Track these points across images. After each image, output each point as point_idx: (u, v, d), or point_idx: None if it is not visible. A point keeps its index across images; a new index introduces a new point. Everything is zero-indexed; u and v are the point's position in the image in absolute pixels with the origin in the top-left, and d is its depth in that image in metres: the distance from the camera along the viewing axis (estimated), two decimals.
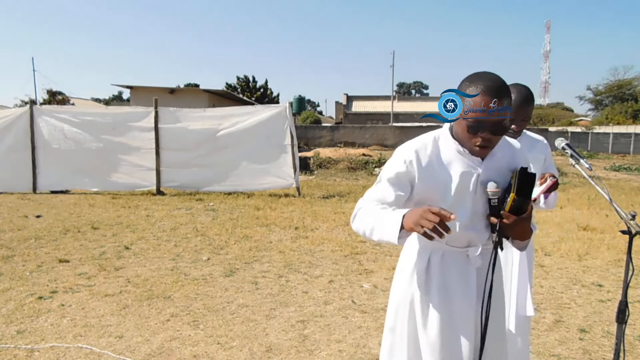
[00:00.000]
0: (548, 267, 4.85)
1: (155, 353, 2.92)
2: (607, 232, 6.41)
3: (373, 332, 3.26)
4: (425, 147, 1.50)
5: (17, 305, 3.67)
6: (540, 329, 3.35)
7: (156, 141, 9.61)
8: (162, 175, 9.70)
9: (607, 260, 5.10)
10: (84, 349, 2.96)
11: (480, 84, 1.37)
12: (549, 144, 2.35)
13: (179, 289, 4.08)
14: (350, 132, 28.93)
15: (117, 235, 6.02)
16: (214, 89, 27.28)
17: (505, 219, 1.40)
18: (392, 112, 38.17)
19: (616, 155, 28.32)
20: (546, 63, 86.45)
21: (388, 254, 5.29)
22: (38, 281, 4.24)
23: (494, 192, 1.42)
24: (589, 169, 1.84)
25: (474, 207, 1.47)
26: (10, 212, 7.60)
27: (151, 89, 24.05)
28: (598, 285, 4.32)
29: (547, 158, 2.30)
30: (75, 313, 3.54)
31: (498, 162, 1.50)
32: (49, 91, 28.46)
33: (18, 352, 2.91)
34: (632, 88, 50.65)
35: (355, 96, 45.43)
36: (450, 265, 1.53)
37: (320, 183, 12.20)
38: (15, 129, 9.71)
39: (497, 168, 1.48)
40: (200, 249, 5.39)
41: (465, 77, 1.45)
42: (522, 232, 1.44)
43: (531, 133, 2.34)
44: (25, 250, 5.27)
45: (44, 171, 9.75)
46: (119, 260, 4.95)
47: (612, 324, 3.39)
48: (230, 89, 39.10)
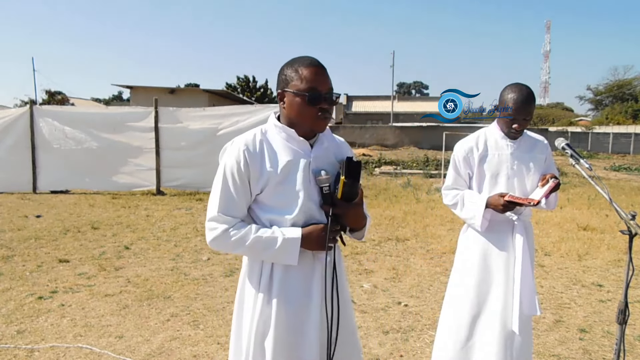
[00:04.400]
0: (548, 267, 4.85)
1: (155, 353, 2.92)
2: (607, 232, 6.41)
3: (373, 332, 3.26)
4: (253, 142, 1.47)
5: (17, 305, 3.67)
6: (540, 329, 3.35)
7: (156, 141, 9.61)
8: (162, 175, 9.70)
9: (607, 260, 5.10)
10: (84, 349, 2.96)
11: (303, 61, 1.46)
12: (549, 144, 2.35)
13: (179, 289, 4.08)
14: (350, 132, 28.93)
15: (117, 235, 6.02)
16: (214, 89, 27.30)
17: (338, 206, 1.44)
18: (392, 112, 38.14)
19: (616, 155, 28.32)
20: (546, 63, 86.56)
21: (388, 254, 5.30)
22: (38, 281, 4.24)
23: (325, 179, 1.45)
24: (589, 169, 1.84)
25: (310, 197, 1.46)
26: (10, 212, 7.60)
27: (151, 89, 24.08)
28: (598, 285, 4.32)
29: (548, 158, 2.30)
30: (75, 313, 3.54)
31: (326, 151, 1.53)
32: (48, 91, 28.49)
33: (18, 352, 2.91)
34: (632, 88, 50.69)
35: (355, 96, 45.40)
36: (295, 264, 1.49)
37: None
38: (15, 129, 9.72)
39: (326, 157, 1.52)
40: (200, 249, 5.38)
41: (286, 63, 1.50)
42: (356, 219, 1.50)
43: (532, 133, 2.34)
44: (25, 250, 5.27)
45: (44, 171, 9.76)
46: (119, 260, 4.95)
47: (612, 324, 3.39)
48: (230, 89, 39.09)
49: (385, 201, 9.04)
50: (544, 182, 2.14)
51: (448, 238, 5.98)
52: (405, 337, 3.19)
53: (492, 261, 2.23)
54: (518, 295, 2.12)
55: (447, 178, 2.41)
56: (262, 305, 1.48)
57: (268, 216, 1.47)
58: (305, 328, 1.48)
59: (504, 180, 2.23)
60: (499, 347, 2.14)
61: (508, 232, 2.22)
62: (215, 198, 1.46)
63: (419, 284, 4.31)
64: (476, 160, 2.28)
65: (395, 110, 39.13)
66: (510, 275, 2.18)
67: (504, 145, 2.26)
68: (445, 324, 2.36)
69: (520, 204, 2.10)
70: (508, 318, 2.15)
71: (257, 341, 1.48)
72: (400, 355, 2.96)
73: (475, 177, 2.31)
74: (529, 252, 2.18)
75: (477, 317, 2.23)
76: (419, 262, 5.02)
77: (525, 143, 2.28)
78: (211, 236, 1.46)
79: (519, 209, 2.19)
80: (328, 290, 1.48)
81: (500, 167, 2.24)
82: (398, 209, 8.18)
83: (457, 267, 2.39)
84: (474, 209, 2.22)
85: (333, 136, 1.61)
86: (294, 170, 1.45)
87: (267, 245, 1.42)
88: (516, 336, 2.14)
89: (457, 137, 2.78)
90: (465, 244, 2.36)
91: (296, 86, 1.44)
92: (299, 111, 1.45)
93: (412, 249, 5.54)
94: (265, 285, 1.48)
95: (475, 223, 2.22)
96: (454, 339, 2.27)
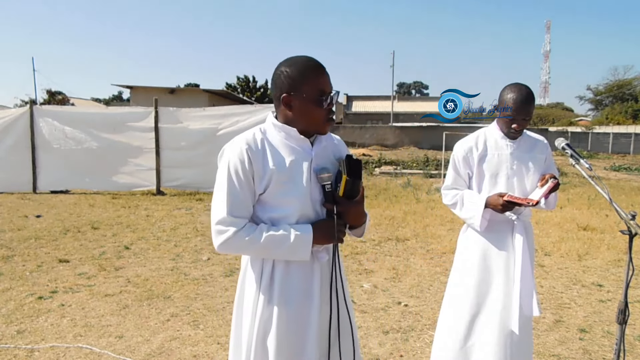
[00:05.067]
0: (548, 267, 4.85)
1: (155, 353, 2.92)
2: (607, 232, 6.41)
3: (373, 332, 3.26)
4: (254, 140, 1.45)
5: (17, 305, 3.67)
6: (540, 329, 3.35)
7: (156, 141, 9.61)
8: (162, 175, 9.70)
9: (607, 260, 5.10)
10: (84, 349, 2.96)
11: (306, 63, 1.45)
12: (549, 144, 2.35)
13: (179, 289, 4.08)
14: (350, 132, 28.93)
15: (117, 235, 6.02)
16: (213, 89, 27.30)
17: (340, 204, 1.45)
18: (392, 112, 38.14)
19: (616, 155, 28.32)
20: (546, 63, 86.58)
21: (388, 254, 5.30)
22: (38, 281, 4.24)
23: (327, 177, 1.46)
24: (589, 169, 1.84)
25: (312, 195, 1.46)
26: (10, 212, 7.60)
27: (151, 89, 24.07)
28: (598, 285, 4.32)
29: (548, 158, 2.30)
30: (75, 313, 3.54)
31: (325, 150, 1.54)
32: (48, 91, 28.49)
33: (18, 352, 2.91)
34: (632, 88, 50.68)
35: (355, 96, 45.40)
36: (295, 264, 1.48)
37: None
38: (15, 129, 9.72)
39: (326, 156, 1.53)
40: (200, 249, 5.39)
41: (284, 64, 1.47)
42: (356, 217, 1.51)
43: (531, 133, 2.34)
44: (25, 250, 5.27)
45: (44, 171, 9.76)
46: (119, 260, 4.95)
47: (612, 324, 3.39)
48: (230, 89, 39.09)
49: (385, 201, 9.04)
50: (544, 182, 2.14)
51: (448, 238, 5.98)
52: (405, 337, 3.19)
53: (492, 261, 2.23)
54: (518, 295, 2.12)
55: (447, 178, 2.41)
56: (263, 306, 1.47)
57: (269, 215, 1.46)
58: (306, 327, 1.47)
59: (504, 180, 2.23)
60: (498, 347, 2.14)
61: (508, 232, 2.22)
62: (222, 200, 1.42)
63: (419, 284, 4.31)
64: (476, 160, 2.28)
65: (395, 110, 39.13)
66: (510, 275, 2.18)
67: (503, 145, 2.26)
68: (445, 324, 2.36)
69: (519, 204, 2.10)
70: (508, 318, 2.15)
71: (259, 341, 1.47)
72: (400, 355, 2.96)
73: (474, 177, 2.31)
74: (528, 252, 2.18)
75: (476, 317, 2.23)
76: (419, 262, 5.02)
77: (525, 143, 2.28)
78: (221, 239, 1.41)
79: (518, 209, 2.19)
80: (327, 289, 1.48)
81: (500, 167, 2.24)
82: (398, 209, 8.18)
83: (456, 267, 2.39)
84: (473, 208, 2.22)
85: (331, 135, 1.61)
86: (297, 168, 1.45)
87: (280, 243, 1.41)
88: (516, 336, 2.14)
89: (457, 137, 2.78)
90: (465, 244, 2.36)
91: (304, 90, 1.41)
92: (309, 114, 1.44)
93: (412, 249, 5.54)
94: (266, 286, 1.47)
95: (474, 223, 2.22)
96: (454, 339, 2.27)
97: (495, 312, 2.18)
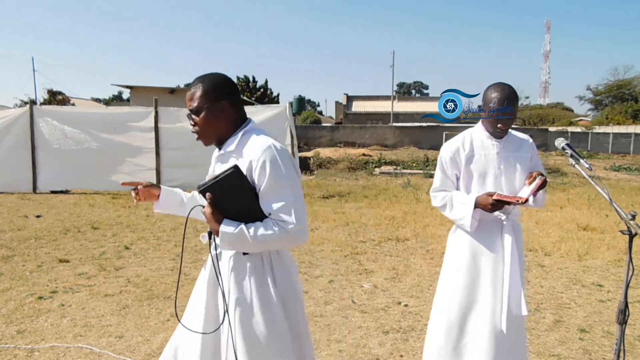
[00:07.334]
0: (548, 267, 4.85)
1: (155, 353, 2.92)
2: (607, 232, 6.41)
3: (373, 332, 3.26)
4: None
5: (17, 305, 3.67)
6: (540, 329, 3.35)
7: (156, 141, 9.62)
8: (162, 175, 9.71)
9: (607, 260, 5.10)
10: (84, 349, 2.96)
11: None
12: (549, 143, 2.36)
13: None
14: (350, 132, 28.93)
15: (117, 235, 6.02)
16: None
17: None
18: (392, 112, 38.13)
19: (616, 155, 28.30)
20: (546, 63, 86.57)
21: (388, 254, 5.30)
22: (38, 281, 4.24)
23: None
24: (589, 169, 1.84)
25: None
26: (10, 212, 7.60)
27: (151, 89, 24.03)
28: (598, 285, 4.32)
29: (534, 157, 2.31)
30: (75, 313, 3.54)
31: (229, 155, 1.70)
32: (49, 91, 28.43)
33: (18, 352, 2.91)
34: (632, 88, 50.65)
35: (355, 96, 45.39)
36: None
37: (320, 183, 12.20)
38: (15, 129, 9.72)
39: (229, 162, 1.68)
40: (200, 249, 5.38)
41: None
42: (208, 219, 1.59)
43: (517, 132, 2.35)
44: (25, 250, 5.28)
45: (44, 171, 9.76)
46: (119, 260, 4.95)
47: (612, 324, 3.39)
48: None
49: (385, 201, 9.04)
50: (531, 180, 2.15)
51: None
52: (405, 337, 3.19)
53: (482, 261, 2.23)
54: (507, 294, 2.13)
55: (435, 180, 2.40)
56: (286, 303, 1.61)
57: None
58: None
59: (492, 180, 2.24)
60: (489, 347, 2.14)
61: (497, 232, 2.23)
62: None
63: (419, 283, 4.31)
64: (463, 161, 2.28)
65: (395, 110, 39.12)
66: (499, 275, 2.18)
67: (489, 145, 2.26)
68: (436, 325, 2.35)
69: (508, 202, 2.10)
70: (498, 318, 2.15)
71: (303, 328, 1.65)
72: (400, 355, 2.96)
73: (462, 178, 2.31)
74: (517, 251, 2.19)
75: (467, 317, 2.22)
76: (419, 262, 5.02)
77: (511, 142, 2.29)
78: None
79: (507, 208, 2.20)
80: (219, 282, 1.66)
81: (487, 166, 2.25)
82: (398, 209, 8.18)
83: (446, 268, 2.39)
84: (463, 209, 2.22)
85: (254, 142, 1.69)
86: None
87: None
88: (507, 336, 2.14)
89: None
90: (454, 244, 2.36)
91: None
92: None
93: (412, 249, 5.54)
94: (271, 283, 1.59)
95: (464, 224, 2.22)
96: (445, 340, 2.26)
97: (485, 312, 2.17)
